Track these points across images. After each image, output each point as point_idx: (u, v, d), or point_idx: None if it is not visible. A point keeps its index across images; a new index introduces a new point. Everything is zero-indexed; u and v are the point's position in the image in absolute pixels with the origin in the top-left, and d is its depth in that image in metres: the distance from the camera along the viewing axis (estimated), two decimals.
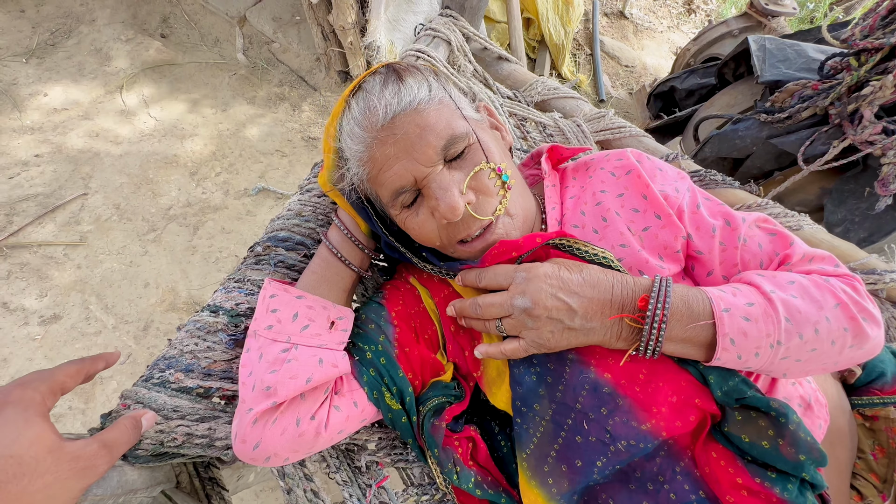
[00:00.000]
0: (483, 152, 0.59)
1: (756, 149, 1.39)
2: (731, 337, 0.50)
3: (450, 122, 0.58)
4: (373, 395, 0.62)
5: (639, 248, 0.61)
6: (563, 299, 0.54)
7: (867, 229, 1.23)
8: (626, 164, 0.67)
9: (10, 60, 2.38)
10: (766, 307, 0.51)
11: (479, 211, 0.59)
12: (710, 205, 0.66)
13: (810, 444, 0.48)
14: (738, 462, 0.51)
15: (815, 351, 0.51)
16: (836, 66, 1.23)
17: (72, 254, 1.88)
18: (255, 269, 0.69)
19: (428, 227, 0.61)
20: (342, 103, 0.62)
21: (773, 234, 0.63)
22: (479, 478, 0.63)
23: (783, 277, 0.55)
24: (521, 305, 0.55)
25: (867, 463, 0.67)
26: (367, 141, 0.58)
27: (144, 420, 0.54)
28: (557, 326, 0.54)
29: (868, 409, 0.68)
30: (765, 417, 0.50)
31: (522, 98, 1.14)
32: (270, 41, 2.62)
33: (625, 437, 0.54)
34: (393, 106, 0.57)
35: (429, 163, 0.57)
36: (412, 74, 0.60)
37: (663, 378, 0.54)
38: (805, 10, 3.20)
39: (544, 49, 2.72)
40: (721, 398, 0.52)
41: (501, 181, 0.60)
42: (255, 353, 0.59)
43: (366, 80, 0.61)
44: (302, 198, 0.77)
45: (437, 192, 0.57)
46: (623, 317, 0.54)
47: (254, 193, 2.13)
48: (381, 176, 0.59)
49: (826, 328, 0.51)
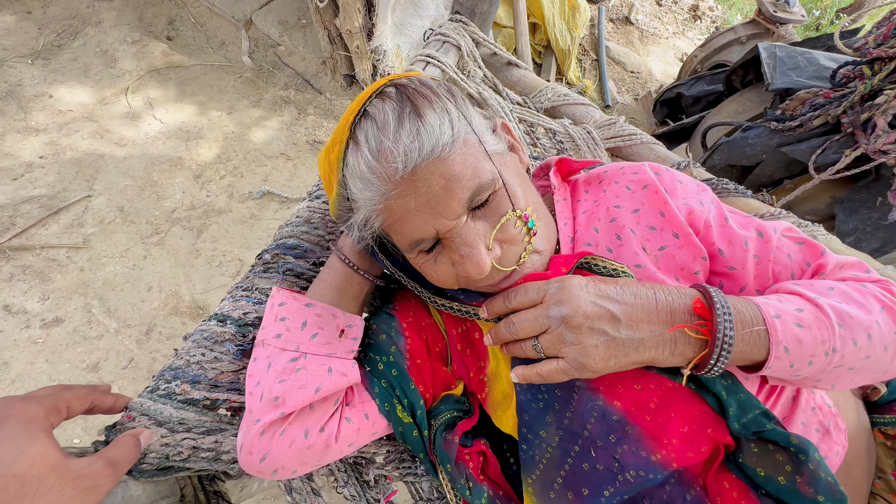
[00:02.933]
0: (509, 198, 0.54)
1: (766, 157, 1.38)
2: (785, 345, 0.47)
3: (476, 169, 0.51)
4: (384, 408, 0.61)
5: (654, 270, 0.58)
6: (604, 306, 0.49)
7: (879, 239, 1.22)
8: (642, 178, 0.63)
9: (16, 62, 2.38)
10: (816, 313, 0.48)
11: (503, 263, 0.55)
12: (737, 217, 0.62)
13: (830, 486, 0.45)
14: (752, 494, 0.49)
15: (869, 358, 0.49)
16: (848, 74, 1.22)
17: (74, 256, 1.87)
18: (264, 278, 0.68)
19: (446, 274, 0.56)
20: (345, 130, 0.52)
21: (801, 242, 0.59)
22: (492, 493, 0.61)
23: (820, 285, 0.52)
24: (557, 315, 0.50)
25: (888, 483, 0.65)
26: (383, 191, 0.50)
27: (142, 438, 0.53)
28: (601, 339, 0.48)
29: (891, 427, 0.66)
30: (783, 452, 0.48)
31: (532, 104, 1.13)
32: (276, 44, 2.62)
33: (633, 467, 0.52)
34: (413, 155, 0.48)
35: (453, 216, 0.51)
36: (431, 105, 0.51)
37: (675, 408, 0.52)
38: (811, 18, 3.19)
39: (550, 54, 2.71)
40: (738, 430, 0.50)
41: (527, 227, 0.55)
42: (262, 363, 0.57)
43: (372, 103, 0.52)
44: (311, 205, 0.76)
45: (462, 249, 0.52)
46: (684, 327, 0.48)
47: (258, 197, 2.12)
48: (397, 225, 0.53)
49: (878, 332, 0.48)
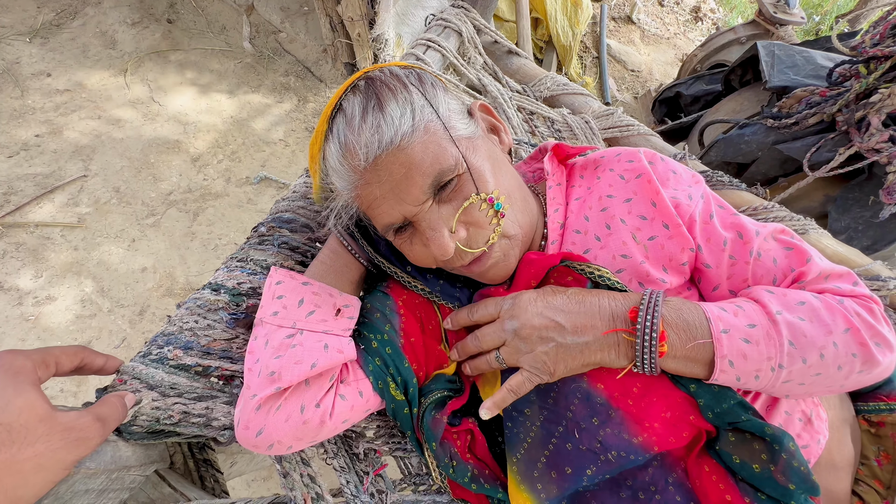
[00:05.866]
0: (473, 182, 0.56)
1: (761, 154, 1.39)
2: (730, 359, 0.49)
3: (437, 156, 0.54)
4: (378, 385, 0.61)
5: (641, 260, 0.59)
6: (550, 316, 0.55)
7: (871, 237, 1.23)
8: (636, 167, 0.64)
9: (14, 39, 2.36)
10: (769, 329, 0.50)
11: (470, 244, 0.58)
12: (723, 214, 0.63)
13: (803, 475, 0.47)
14: (730, 479, 0.50)
15: (820, 375, 0.50)
16: (844, 73, 1.23)
17: (69, 235, 1.86)
18: (259, 249, 0.68)
19: (422, 254, 0.60)
20: (324, 123, 0.57)
21: (789, 248, 0.59)
22: (476, 472, 0.62)
23: (793, 297, 0.53)
24: (511, 329, 0.56)
25: (871, 469, 0.66)
26: (352, 181, 0.55)
27: (127, 401, 0.53)
28: (550, 346, 0.54)
29: (874, 415, 0.67)
30: (760, 441, 0.49)
31: (531, 93, 1.13)
32: (277, 31, 2.60)
33: (616, 448, 0.53)
34: (373, 146, 0.52)
35: (416, 202, 0.55)
36: (394, 96, 0.55)
37: (657, 393, 0.54)
38: (811, 23, 3.21)
39: (551, 50, 2.72)
40: (712, 420, 0.51)
41: (494, 210, 0.57)
42: (261, 340, 0.58)
43: (345, 97, 0.57)
44: (308, 180, 0.76)
45: (428, 233, 0.56)
46: (617, 331, 0.53)
47: (255, 182, 2.11)
48: (370, 211, 0.58)
49: (833, 353, 0.49)
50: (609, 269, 0.59)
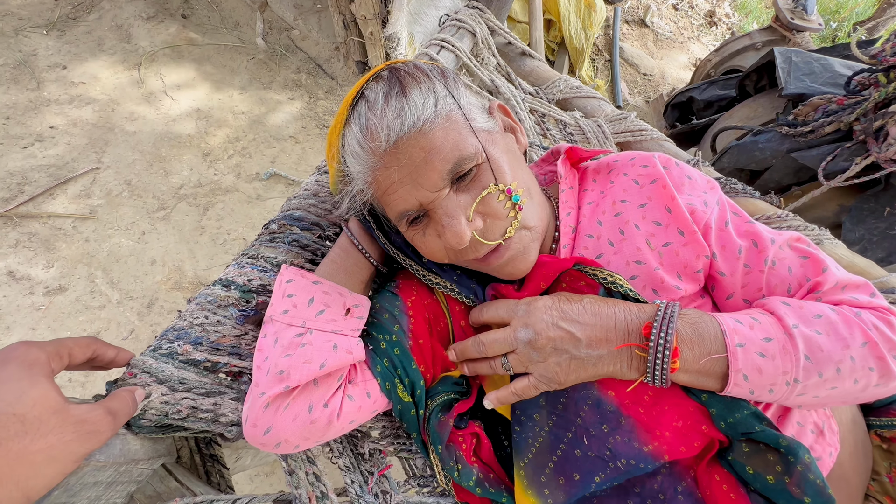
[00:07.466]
0: (492, 172, 0.56)
1: (775, 162, 1.37)
2: (745, 373, 0.49)
3: (457, 143, 0.54)
4: (385, 387, 0.61)
5: (656, 266, 0.59)
6: (566, 328, 0.54)
7: (885, 249, 1.21)
8: (651, 171, 0.63)
9: (31, 31, 2.39)
10: (785, 343, 0.49)
11: (486, 235, 0.57)
12: (738, 221, 0.62)
13: (819, 488, 0.46)
14: (742, 490, 0.49)
15: (836, 389, 0.49)
16: (863, 81, 1.21)
17: (80, 227, 1.88)
18: (269, 247, 0.68)
19: (435, 246, 0.59)
20: (345, 111, 0.57)
21: (805, 256, 0.58)
22: (481, 475, 0.62)
23: (810, 309, 0.52)
24: (524, 338, 0.55)
25: (882, 485, 0.65)
26: (371, 164, 0.55)
27: (136, 395, 0.54)
28: (563, 357, 0.54)
29: (887, 430, 0.66)
30: (774, 452, 0.48)
31: (544, 95, 1.13)
32: (290, 28, 2.61)
33: (625, 456, 0.52)
34: (395, 129, 0.52)
35: (434, 188, 0.54)
36: (417, 84, 0.55)
37: (669, 402, 0.53)
38: (828, 30, 3.17)
39: (564, 52, 2.70)
40: (724, 430, 0.51)
41: (511, 202, 0.57)
42: (270, 339, 0.58)
43: (368, 85, 0.57)
44: (320, 178, 0.76)
45: (444, 220, 0.54)
46: (630, 346, 0.52)
47: (265, 178, 2.12)
48: (385, 197, 0.57)
49: (849, 367, 0.49)
50: (623, 276, 0.58)
